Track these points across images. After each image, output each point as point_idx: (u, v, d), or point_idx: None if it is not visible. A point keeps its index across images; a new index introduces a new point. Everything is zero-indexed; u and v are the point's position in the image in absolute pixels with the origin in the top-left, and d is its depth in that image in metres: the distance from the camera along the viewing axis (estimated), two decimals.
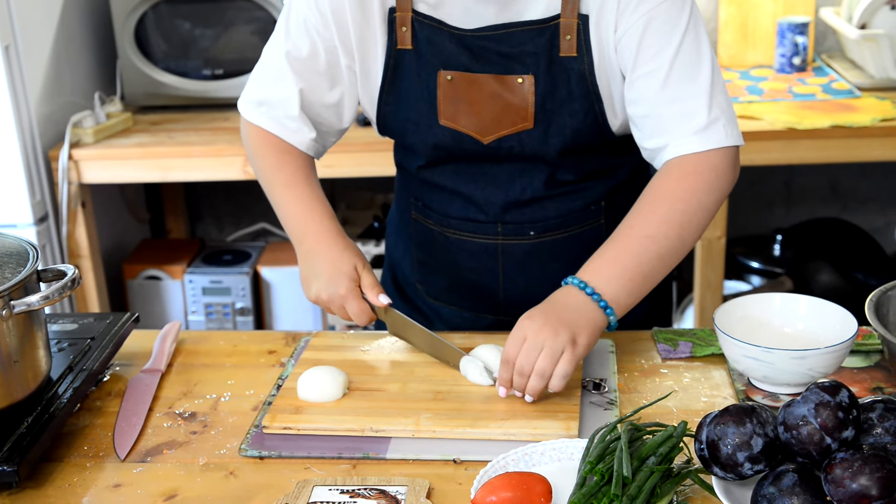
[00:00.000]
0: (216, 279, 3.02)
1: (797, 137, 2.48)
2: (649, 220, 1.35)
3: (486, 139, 1.43)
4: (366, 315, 1.38)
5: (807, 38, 2.85)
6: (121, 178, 2.71)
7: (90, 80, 2.90)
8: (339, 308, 1.39)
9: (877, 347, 1.42)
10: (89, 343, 1.42)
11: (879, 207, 3.27)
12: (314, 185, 1.48)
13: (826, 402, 1.02)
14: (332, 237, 1.42)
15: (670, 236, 1.34)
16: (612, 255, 1.34)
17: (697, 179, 1.36)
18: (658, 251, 1.34)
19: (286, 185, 1.47)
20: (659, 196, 1.36)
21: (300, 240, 1.44)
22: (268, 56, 1.49)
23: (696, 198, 1.36)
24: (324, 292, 1.38)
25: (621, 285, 1.31)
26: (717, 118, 1.36)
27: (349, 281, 1.38)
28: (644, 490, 1.07)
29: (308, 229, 1.43)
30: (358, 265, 1.39)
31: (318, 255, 1.41)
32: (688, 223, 1.35)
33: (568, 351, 1.25)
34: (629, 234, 1.35)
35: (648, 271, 1.33)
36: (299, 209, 1.45)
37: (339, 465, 1.22)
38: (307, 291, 1.41)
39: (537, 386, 1.26)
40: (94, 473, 1.23)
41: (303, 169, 1.48)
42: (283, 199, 1.47)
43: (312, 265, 1.41)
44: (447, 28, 1.40)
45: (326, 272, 1.39)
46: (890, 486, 0.97)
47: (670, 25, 1.34)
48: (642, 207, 1.37)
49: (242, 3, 2.81)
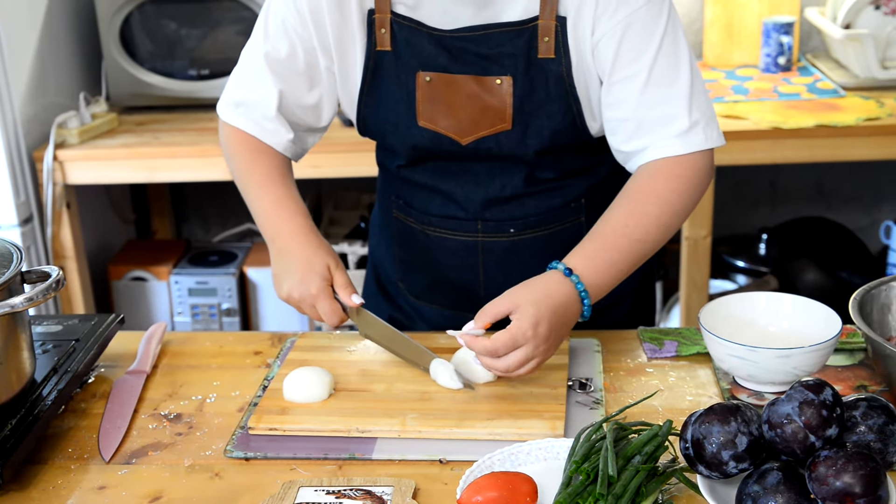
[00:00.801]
0: (202, 280, 3.01)
1: (782, 137, 2.49)
2: (642, 223, 1.36)
3: (464, 140, 1.43)
4: (336, 315, 1.37)
5: (792, 38, 2.87)
6: (106, 178, 2.70)
7: (75, 81, 2.89)
8: (310, 307, 1.38)
9: (861, 346, 1.43)
10: (74, 345, 1.42)
11: (864, 207, 3.29)
12: (289, 184, 1.48)
13: (810, 400, 1.02)
14: (304, 236, 1.41)
15: (656, 239, 1.37)
16: (603, 250, 1.34)
17: (685, 183, 1.37)
18: (643, 252, 1.36)
19: (260, 184, 1.47)
20: (651, 199, 1.37)
21: (273, 238, 1.44)
22: (246, 58, 1.49)
23: (681, 202, 1.38)
24: (295, 291, 1.37)
25: (604, 281, 1.33)
26: (697, 121, 1.37)
27: (321, 280, 1.37)
28: (629, 489, 1.07)
29: (281, 228, 1.43)
30: (331, 264, 1.39)
31: (291, 253, 1.40)
32: (669, 227, 1.38)
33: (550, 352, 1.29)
34: (622, 233, 1.35)
35: (628, 269, 1.36)
36: (272, 207, 1.45)
37: (324, 465, 1.22)
38: (279, 290, 1.40)
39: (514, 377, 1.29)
40: (79, 475, 1.23)
41: (277, 168, 1.48)
42: (257, 198, 1.47)
43: (285, 263, 1.40)
44: (426, 29, 1.41)
45: (298, 270, 1.38)
46: (873, 483, 0.97)
47: (649, 30, 1.35)
48: (634, 208, 1.37)
49: (228, 3, 2.80)
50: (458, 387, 1.32)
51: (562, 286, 1.29)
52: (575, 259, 1.33)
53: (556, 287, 1.29)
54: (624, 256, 1.34)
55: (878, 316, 1.36)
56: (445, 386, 1.33)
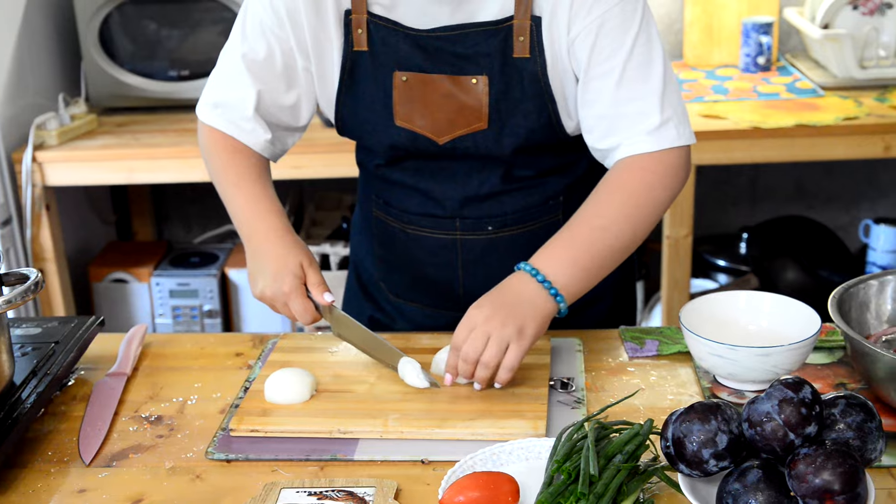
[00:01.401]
0: (183, 281, 3.00)
1: (762, 136, 2.51)
2: (603, 212, 1.37)
3: (441, 140, 1.44)
4: (309, 314, 1.37)
5: (771, 38, 2.88)
6: (86, 180, 2.69)
7: (54, 82, 2.87)
8: (283, 305, 1.38)
9: (840, 344, 1.44)
10: (53, 347, 1.41)
11: (843, 205, 3.31)
12: (265, 183, 1.48)
13: (789, 398, 1.03)
14: (278, 234, 1.42)
15: (623, 229, 1.37)
16: (564, 244, 1.36)
17: (652, 175, 1.38)
18: (610, 242, 1.36)
19: (236, 184, 1.47)
20: (614, 189, 1.39)
21: (248, 237, 1.44)
22: (224, 59, 1.49)
23: (651, 193, 1.38)
24: (268, 289, 1.38)
25: (572, 273, 1.33)
26: (669, 118, 1.38)
27: (294, 278, 1.37)
28: (611, 488, 1.07)
29: (256, 226, 1.43)
30: (304, 262, 1.39)
31: (265, 251, 1.40)
32: (640, 217, 1.38)
33: (514, 342, 1.28)
34: (583, 223, 1.37)
35: (600, 261, 1.36)
36: (247, 206, 1.45)
37: (306, 467, 1.22)
38: (253, 288, 1.40)
39: (483, 376, 1.29)
40: (59, 479, 1.22)
41: (254, 168, 1.48)
42: (233, 197, 1.47)
43: (259, 262, 1.40)
44: (402, 29, 1.41)
45: (272, 269, 1.38)
46: (852, 480, 0.98)
47: (623, 28, 1.36)
48: (597, 199, 1.39)
49: (208, 4, 2.79)
50: (424, 385, 1.33)
51: (516, 277, 1.34)
52: (536, 255, 1.36)
53: (510, 280, 1.34)
54: (586, 244, 1.35)
55: (856, 314, 1.37)
56: (412, 385, 1.34)
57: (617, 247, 1.37)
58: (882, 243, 2.98)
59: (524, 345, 1.29)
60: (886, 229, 2.97)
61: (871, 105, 2.61)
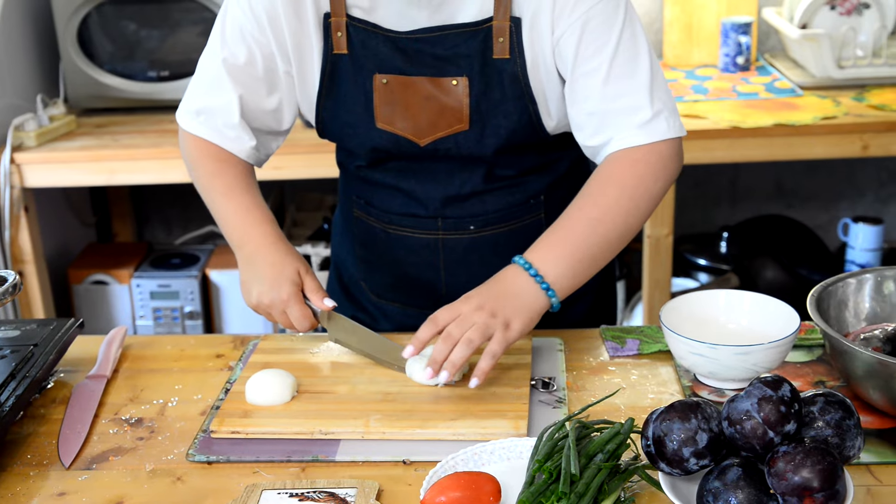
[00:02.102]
0: (164, 283, 2.99)
1: (741, 136, 2.52)
2: (598, 204, 1.37)
3: (422, 141, 1.44)
4: (308, 320, 1.37)
5: (750, 38, 2.90)
6: (65, 181, 2.67)
7: (32, 82, 2.85)
8: (280, 313, 1.38)
9: (819, 342, 1.45)
10: (32, 350, 1.40)
11: (822, 204, 3.33)
12: (254, 192, 1.48)
13: (768, 396, 1.03)
14: (273, 242, 1.41)
15: (617, 221, 1.37)
16: (558, 237, 1.36)
17: (645, 167, 1.38)
18: (605, 234, 1.36)
19: (225, 193, 1.46)
20: (607, 181, 1.39)
21: (240, 245, 1.43)
22: (204, 64, 1.48)
23: (644, 184, 1.38)
24: (265, 296, 1.37)
25: (566, 267, 1.34)
26: (659, 111, 1.39)
27: (292, 285, 1.37)
28: (592, 487, 1.08)
29: (249, 235, 1.43)
30: (301, 270, 1.39)
31: (260, 259, 1.40)
32: (634, 209, 1.38)
33: (499, 333, 1.28)
34: (577, 217, 1.37)
35: (594, 254, 1.36)
36: (239, 215, 1.44)
37: (288, 468, 1.22)
38: (247, 297, 1.40)
39: (460, 354, 1.27)
40: (39, 482, 1.21)
41: (242, 176, 1.48)
42: (223, 207, 1.46)
43: (254, 270, 1.40)
44: (381, 31, 1.41)
45: (268, 276, 1.38)
46: (831, 478, 0.99)
47: (607, 24, 1.36)
48: (591, 191, 1.39)
49: (188, 4, 2.78)
50: (435, 383, 1.32)
51: (509, 270, 1.34)
52: (531, 249, 1.36)
53: (503, 273, 1.34)
54: (580, 237, 1.35)
55: (835, 312, 1.38)
56: (423, 384, 1.33)
57: (612, 239, 1.37)
58: (860, 242, 3.00)
59: (509, 336, 1.29)
60: (865, 228, 2.99)
61: (849, 104, 2.62)
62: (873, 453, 1.19)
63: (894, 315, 1.40)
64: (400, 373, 1.37)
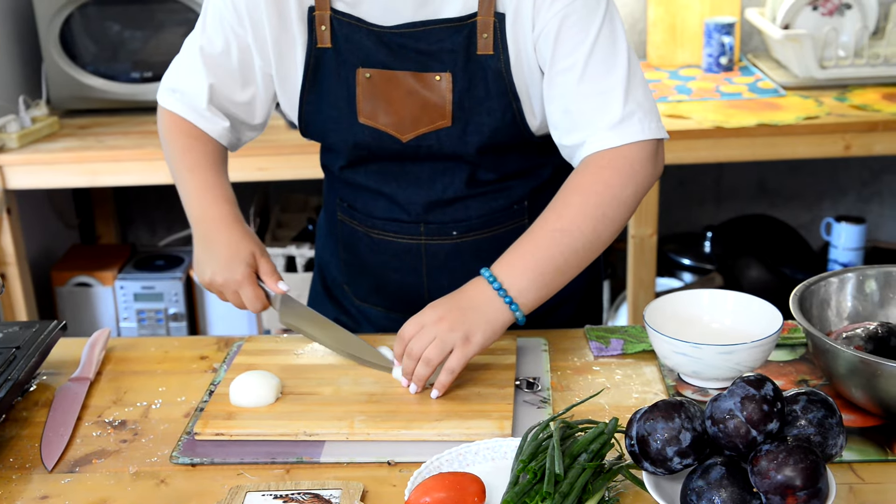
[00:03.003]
0: (148, 285, 2.98)
1: (725, 136, 2.53)
2: (563, 215, 1.36)
3: (404, 137, 1.44)
4: (260, 302, 1.39)
5: (733, 39, 2.91)
6: (48, 183, 2.66)
7: (14, 84, 2.83)
8: (232, 294, 1.39)
9: (801, 341, 1.46)
10: (14, 352, 1.39)
11: (805, 204, 3.35)
12: (220, 171, 1.48)
13: (751, 395, 1.04)
14: (230, 222, 1.42)
15: (584, 230, 1.35)
16: (524, 250, 1.35)
17: (611, 173, 1.36)
18: (571, 245, 1.35)
19: (190, 168, 1.47)
20: (572, 190, 1.38)
21: (197, 221, 1.44)
22: (186, 47, 1.50)
23: (611, 191, 1.36)
24: (219, 276, 1.38)
25: (530, 280, 1.33)
26: (632, 112, 1.37)
27: (246, 266, 1.38)
28: (576, 487, 1.08)
29: (207, 213, 1.43)
30: (256, 252, 1.40)
31: (215, 238, 1.40)
32: (602, 217, 1.36)
33: (459, 347, 1.29)
34: (543, 228, 1.36)
35: (560, 265, 1.34)
36: (200, 192, 1.45)
37: (272, 470, 1.22)
38: (201, 275, 1.40)
39: (422, 372, 1.29)
40: (21, 485, 1.21)
41: (211, 154, 1.48)
42: (187, 183, 1.47)
43: (209, 248, 1.40)
44: (366, 25, 1.41)
45: (223, 256, 1.38)
46: (813, 476, 0.99)
47: (585, 22, 1.36)
48: (556, 202, 1.38)
49: (172, 5, 2.77)
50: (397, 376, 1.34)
51: (474, 283, 1.34)
52: (497, 262, 1.35)
53: (469, 285, 1.35)
54: (544, 250, 1.34)
55: (817, 311, 1.38)
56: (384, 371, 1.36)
57: (578, 249, 1.35)
58: (843, 241, 3.01)
59: (468, 351, 1.29)
60: (847, 227, 3.01)
61: (832, 104, 2.64)
62: (856, 451, 1.20)
63: (876, 314, 1.41)
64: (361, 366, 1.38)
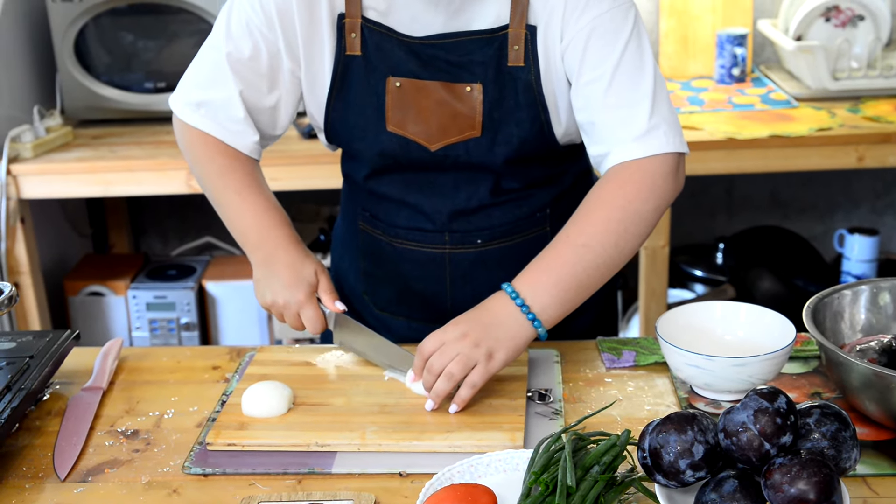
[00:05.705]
0: (160, 294, 2.99)
1: (737, 147, 2.52)
2: (585, 230, 1.36)
3: (433, 146, 1.44)
4: (320, 322, 1.40)
5: (745, 50, 2.91)
6: (61, 193, 2.67)
7: (29, 94, 2.85)
8: (293, 315, 1.40)
9: (815, 353, 1.45)
10: (28, 361, 1.40)
11: (818, 215, 3.34)
12: (267, 191, 1.49)
13: (764, 408, 1.03)
14: (292, 244, 1.44)
15: (606, 245, 1.36)
16: (547, 265, 1.35)
17: (634, 188, 1.37)
18: (594, 260, 1.35)
19: (238, 192, 1.47)
20: (595, 205, 1.38)
21: (258, 246, 1.44)
22: (205, 57, 1.47)
23: (633, 206, 1.37)
24: (281, 296, 1.40)
25: (552, 295, 1.33)
26: (657, 125, 1.38)
27: (308, 286, 1.40)
28: (588, 499, 1.07)
29: (268, 235, 1.44)
30: (318, 269, 1.42)
31: (278, 260, 1.42)
32: (624, 232, 1.36)
33: (482, 363, 1.29)
34: (565, 242, 1.36)
35: (583, 280, 1.35)
36: (255, 216, 1.46)
37: (284, 480, 1.22)
38: (261, 297, 1.42)
39: (442, 387, 1.29)
40: (34, 495, 1.21)
41: (251, 174, 1.49)
42: (235, 205, 1.47)
43: (271, 270, 1.42)
44: (396, 35, 1.41)
45: (286, 277, 1.40)
46: (827, 489, 0.99)
47: (614, 34, 1.37)
48: (579, 217, 1.38)
49: (186, 16, 2.79)
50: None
51: (496, 298, 1.34)
52: (520, 276, 1.35)
53: (491, 301, 1.34)
54: (567, 265, 1.34)
55: (830, 324, 1.38)
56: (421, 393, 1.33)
57: (600, 265, 1.35)
58: (856, 253, 3.00)
59: (491, 367, 1.29)
60: (860, 239, 3.00)
61: (844, 116, 2.63)
62: (869, 465, 1.19)
63: (890, 326, 1.40)
64: (399, 382, 1.37)
